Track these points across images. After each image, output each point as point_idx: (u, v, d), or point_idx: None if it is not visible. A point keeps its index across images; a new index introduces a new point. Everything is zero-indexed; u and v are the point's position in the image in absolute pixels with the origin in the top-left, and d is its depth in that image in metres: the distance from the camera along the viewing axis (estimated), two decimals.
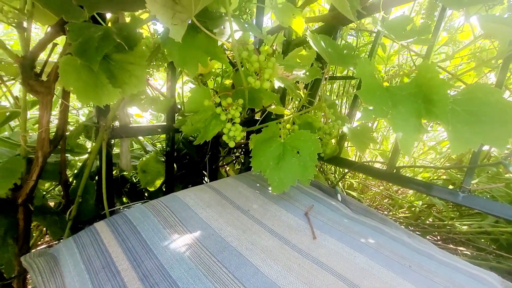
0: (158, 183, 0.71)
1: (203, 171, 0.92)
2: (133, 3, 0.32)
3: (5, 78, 0.61)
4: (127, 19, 0.52)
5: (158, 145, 0.98)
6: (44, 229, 0.64)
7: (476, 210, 0.46)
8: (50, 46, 0.45)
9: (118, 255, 0.37)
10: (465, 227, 0.76)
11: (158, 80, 1.19)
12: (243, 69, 0.46)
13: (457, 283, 0.38)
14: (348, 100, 1.02)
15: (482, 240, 0.75)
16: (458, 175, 0.80)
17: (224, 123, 0.47)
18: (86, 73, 0.39)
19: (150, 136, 0.94)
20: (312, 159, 0.49)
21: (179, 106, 0.73)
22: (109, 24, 0.48)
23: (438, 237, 0.90)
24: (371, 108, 0.40)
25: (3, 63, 0.62)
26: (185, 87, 0.87)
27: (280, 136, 0.52)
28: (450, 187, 0.79)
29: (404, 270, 0.39)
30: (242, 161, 1.01)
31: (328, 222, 0.49)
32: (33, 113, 0.73)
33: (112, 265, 0.35)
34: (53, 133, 0.47)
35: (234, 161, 1.12)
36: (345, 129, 0.57)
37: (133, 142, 0.84)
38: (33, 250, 0.44)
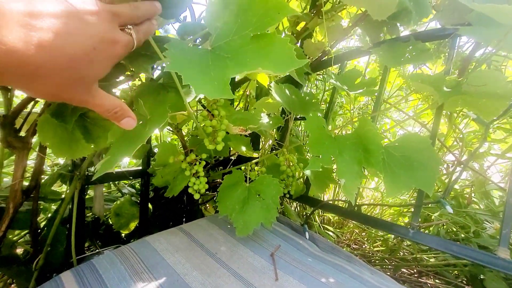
0: (132, 225, 0.72)
1: (183, 209, 0.93)
2: (112, 75, 0.38)
3: None
4: None
5: (137, 185, 0.99)
6: (9, 280, 0.62)
7: (424, 244, 0.50)
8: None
9: None
10: (432, 260, 0.79)
11: None
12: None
13: None
14: None
15: (449, 272, 0.78)
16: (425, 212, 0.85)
17: (189, 178, 0.50)
18: (61, 130, 0.43)
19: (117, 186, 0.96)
20: (274, 202, 0.53)
21: (156, 150, 0.77)
22: None
23: (415, 270, 0.93)
24: (319, 156, 0.45)
25: None
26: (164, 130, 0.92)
27: (246, 180, 0.57)
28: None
29: None
30: None
31: (292, 262, 0.51)
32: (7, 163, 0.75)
33: None
34: (27, 183, 0.49)
35: (214, 198, 1.13)
36: (307, 172, 0.62)
37: (110, 184, 0.85)
38: None
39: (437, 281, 0.78)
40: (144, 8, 0.29)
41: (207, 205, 1.16)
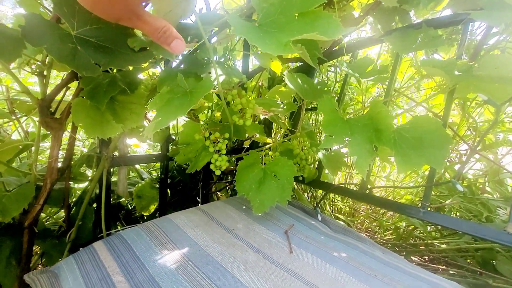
0: (152, 208, 0.76)
1: (196, 198, 0.97)
2: (139, 60, 0.41)
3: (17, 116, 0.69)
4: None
5: (154, 173, 1.04)
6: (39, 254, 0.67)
7: (435, 224, 0.52)
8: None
9: (114, 269, 0.41)
10: (444, 246, 0.80)
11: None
12: (228, 107, 0.54)
13: (407, 284, 0.42)
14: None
15: (461, 258, 0.79)
16: (434, 197, 0.86)
17: (212, 154, 0.54)
18: (93, 112, 0.47)
19: (146, 165, 1.01)
20: (288, 182, 0.55)
21: (173, 137, 0.81)
22: (115, 71, 0.57)
23: (426, 258, 0.94)
24: (332, 136, 0.48)
25: (18, 102, 0.71)
26: (179, 119, 0.95)
27: (261, 163, 0.59)
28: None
29: (368, 278, 0.43)
30: (234, 187, 1.06)
31: (305, 239, 0.54)
32: (41, 145, 0.80)
33: (108, 277, 0.40)
34: (60, 163, 0.53)
35: (227, 188, 1.17)
36: (320, 154, 0.64)
37: (130, 170, 0.90)
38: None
39: (449, 266, 0.79)
40: None
41: (219, 193, 1.20)
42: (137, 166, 0.86)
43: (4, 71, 0.42)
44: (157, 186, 0.77)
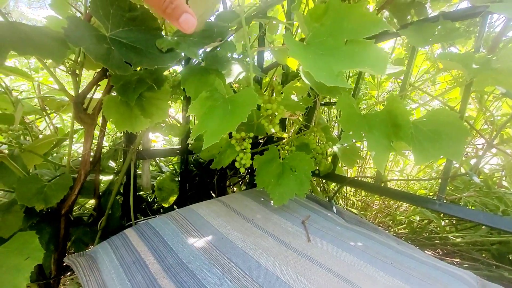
0: (171, 200, 0.80)
1: (211, 192, 1.00)
2: (167, 60, 0.44)
3: (47, 113, 0.74)
4: None
5: (171, 168, 1.08)
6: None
7: (451, 215, 0.53)
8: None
9: (145, 253, 0.45)
10: (459, 239, 0.81)
11: (170, 109, 1.32)
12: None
13: (433, 277, 0.44)
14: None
15: (476, 252, 0.79)
16: (449, 191, 0.86)
17: (238, 153, 0.56)
18: (123, 107, 0.51)
19: (164, 160, 1.05)
20: (306, 176, 0.57)
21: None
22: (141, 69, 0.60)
23: (440, 252, 0.94)
24: (350, 133, 0.49)
25: (48, 99, 0.76)
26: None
27: (279, 157, 0.62)
28: None
29: (385, 266, 0.45)
30: (248, 181, 1.09)
31: (322, 229, 0.56)
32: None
33: (141, 260, 0.43)
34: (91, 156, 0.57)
35: (240, 182, 1.20)
36: (335, 148, 0.66)
37: (149, 165, 0.94)
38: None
39: (463, 260, 0.79)
40: None
41: (234, 187, 1.23)
42: (157, 160, 0.90)
43: (45, 70, 0.46)
44: (177, 179, 0.81)
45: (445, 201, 0.54)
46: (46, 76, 1.19)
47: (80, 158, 0.57)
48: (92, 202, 0.81)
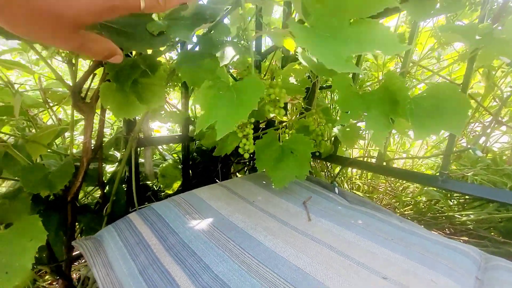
0: (175, 186, 0.81)
1: (216, 179, 1.01)
2: (158, 43, 0.44)
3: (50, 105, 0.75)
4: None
5: (175, 156, 1.09)
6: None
7: (454, 191, 0.52)
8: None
9: (148, 234, 0.46)
10: (464, 218, 0.80)
11: (173, 99, 1.33)
12: None
13: (435, 252, 0.44)
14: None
15: (484, 230, 0.78)
16: (456, 169, 0.84)
17: (240, 139, 0.56)
18: (119, 95, 0.51)
19: (167, 148, 1.06)
20: (306, 158, 0.57)
21: (192, 119, 0.84)
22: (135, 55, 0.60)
23: (447, 231, 0.93)
24: (348, 112, 0.48)
25: (50, 92, 0.77)
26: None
27: (279, 140, 0.61)
28: None
29: (385, 242, 0.45)
30: (251, 167, 1.10)
31: (323, 209, 0.56)
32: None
33: (144, 241, 0.44)
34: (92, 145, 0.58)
35: (244, 169, 1.21)
36: (335, 130, 0.65)
37: (153, 154, 0.95)
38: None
39: (470, 238, 0.79)
40: None
41: (238, 174, 1.24)
42: (160, 148, 0.91)
43: (41, 60, 0.46)
44: (179, 166, 0.82)
45: (447, 177, 0.53)
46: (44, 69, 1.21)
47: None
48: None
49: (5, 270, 0.35)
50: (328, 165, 1.07)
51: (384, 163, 0.64)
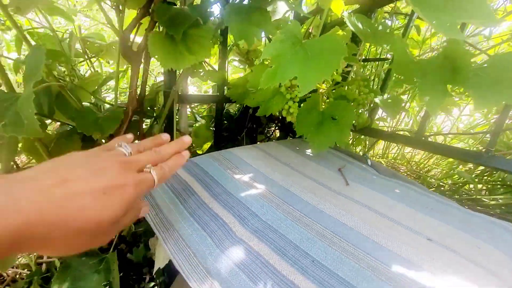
0: (205, 147, 0.83)
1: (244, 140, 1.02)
2: None
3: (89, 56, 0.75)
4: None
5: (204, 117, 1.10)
6: None
7: (501, 169, 0.51)
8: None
9: (193, 183, 0.48)
10: (493, 202, 0.79)
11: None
12: None
13: (475, 223, 0.44)
14: (379, 77, 1.06)
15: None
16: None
17: (287, 101, 0.55)
18: (168, 44, 0.50)
19: (195, 111, 1.06)
20: (347, 124, 0.56)
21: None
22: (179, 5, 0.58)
23: None
24: (402, 78, 0.47)
25: (88, 43, 0.77)
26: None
27: (320, 106, 0.60)
28: None
29: (426, 210, 0.46)
30: (278, 135, 1.10)
31: (359, 176, 0.57)
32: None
33: (190, 188, 0.46)
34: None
35: (271, 135, 1.21)
36: (377, 100, 0.63)
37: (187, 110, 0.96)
38: None
39: None
40: (168, 148, 0.32)
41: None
42: (192, 110, 0.92)
43: (92, 5, 0.45)
44: (211, 128, 0.83)
45: (494, 154, 0.52)
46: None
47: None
48: None
49: None
50: (355, 139, 1.06)
51: (423, 138, 0.62)
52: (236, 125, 0.99)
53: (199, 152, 0.84)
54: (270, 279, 0.29)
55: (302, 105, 0.60)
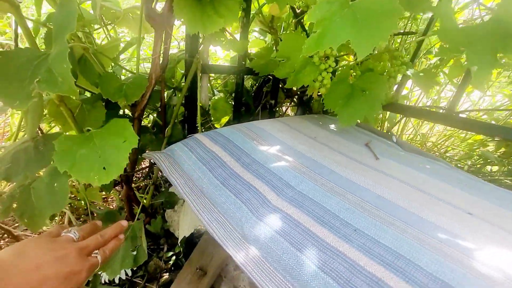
0: (223, 120, 0.82)
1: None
2: None
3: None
4: None
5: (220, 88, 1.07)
6: None
7: None
8: None
9: (221, 153, 0.47)
10: None
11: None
12: None
13: (507, 199, 0.43)
14: (410, 49, 1.00)
15: None
16: None
17: (321, 72, 0.52)
18: (195, 6, 0.47)
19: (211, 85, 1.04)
20: (378, 98, 0.54)
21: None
22: None
23: None
24: (446, 46, 0.43)
25: (104, 8, 0.73)
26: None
27: (350, 79, 0.58)
28: None
29: (459, 185, 0.44)
30: (296, 111, 1.07)
31: (386, 152, 0.55)
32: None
33: (219, 158, 0.46)
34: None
35: (282, 115, 1.19)
36: (409, 72, 0.60)
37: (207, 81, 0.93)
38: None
39: None
40: (110, 232, 0.37)
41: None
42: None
43: None
44: (229, 101, 0.81)
45: None
46: None
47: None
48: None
49: (103, 165, 0.37)
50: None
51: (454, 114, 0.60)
52: (254, 99, 0.97)
53: (217, 126, 0.83)
54: (313, 245, 0.29)
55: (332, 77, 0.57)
